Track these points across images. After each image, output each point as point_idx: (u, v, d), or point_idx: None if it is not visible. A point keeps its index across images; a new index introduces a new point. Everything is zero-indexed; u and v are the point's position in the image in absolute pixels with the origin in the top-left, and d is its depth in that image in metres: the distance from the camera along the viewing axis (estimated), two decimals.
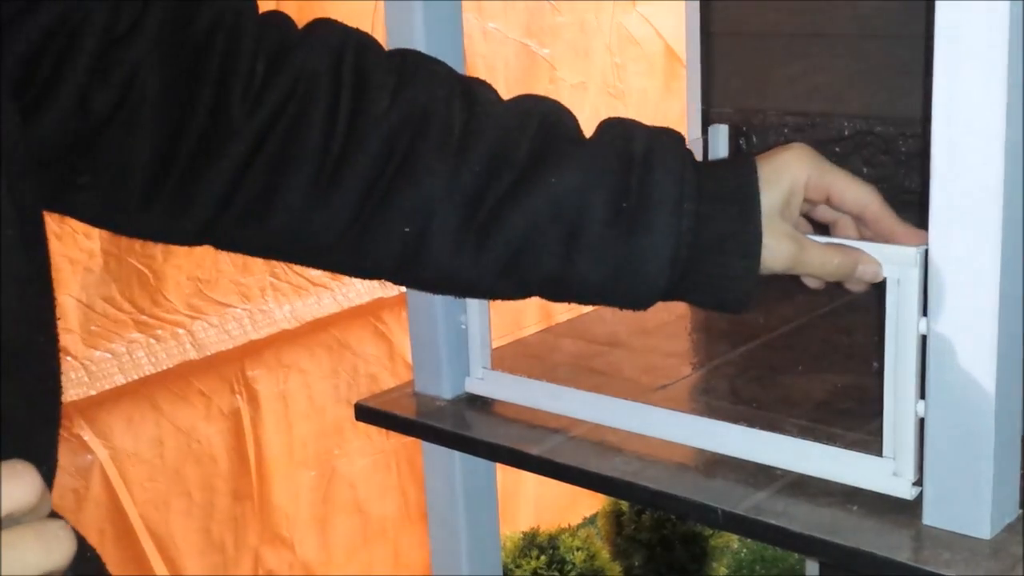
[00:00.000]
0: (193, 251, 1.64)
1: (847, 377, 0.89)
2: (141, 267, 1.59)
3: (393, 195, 0.63)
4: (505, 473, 0.92)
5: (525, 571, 1.80)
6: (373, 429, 1.75)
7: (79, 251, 1.51)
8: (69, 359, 1.52)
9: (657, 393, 0.88)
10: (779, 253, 0.64)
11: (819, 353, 0.95)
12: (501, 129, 0.65)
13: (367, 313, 1.91)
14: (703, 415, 0.81)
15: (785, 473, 0.73)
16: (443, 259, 0.65)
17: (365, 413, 0.92)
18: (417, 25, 0.83)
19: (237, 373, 1.74)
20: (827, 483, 0.71)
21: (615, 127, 0.67)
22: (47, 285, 0.52)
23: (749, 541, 2.18)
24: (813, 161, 0.67)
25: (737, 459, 0.76)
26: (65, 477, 1.51)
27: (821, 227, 0.71)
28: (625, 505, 1.99)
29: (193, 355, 1.66)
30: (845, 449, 0.72)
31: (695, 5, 1.25)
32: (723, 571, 2.07)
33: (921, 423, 0.65)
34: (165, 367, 1.63)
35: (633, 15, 2.36)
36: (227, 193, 0.62)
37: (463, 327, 0.89)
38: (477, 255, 0.64)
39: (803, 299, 1.08)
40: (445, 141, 0.64)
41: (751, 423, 0.77)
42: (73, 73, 0.57)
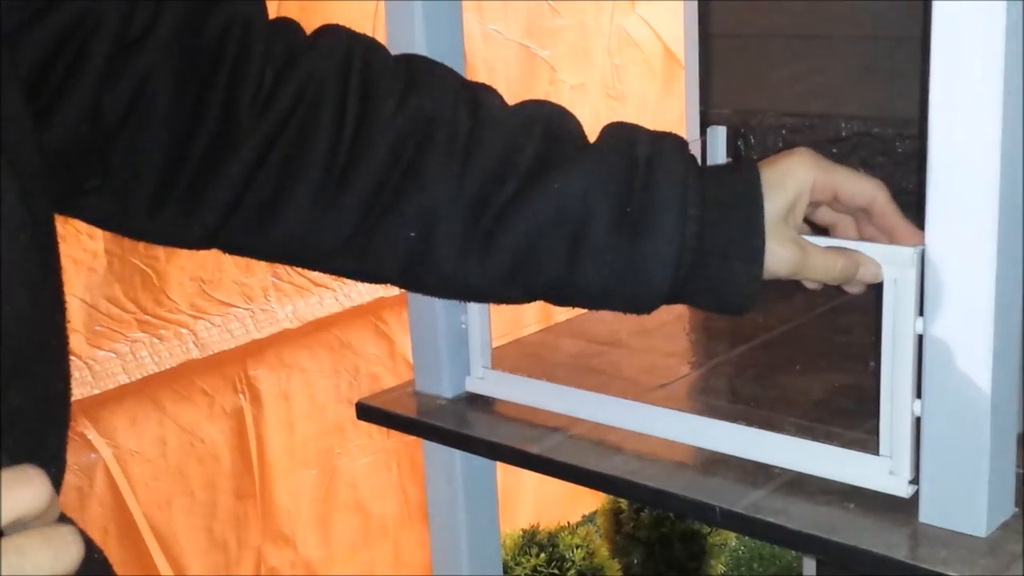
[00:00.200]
0: (196, 252, 1.64)
1: (844, 376, 0.89)
2: (144, 267, 1.60)
3: (399, 201, 0.64)
4: (505, 471, 0.92)
5: (525, 569, 1.80)
6: (374, 428, 1.75)
7: (83, 251, 1.52)
8: (73, 359, 1.52)
9: (656, 392, 0.89)
10: (783, 258, 0.65)
11: (817, 352, 0.96)
12: (506, 136, 0.65)
13: (368, 313, 1.91)
14: (702, 414, 0.81)
15: (783, 471, 0.74)
16: (448, 265, 0.65)
17: (366, 412, 0.92)
18: (417, 27, 0.83)
19: (239, 372, 1.74)
20: (825, 481, 0.72)
21: (618, 132, 0.67)
22: (58, 288, 0.52)
23: (747, 539, 2.18)
24: (817, 163, 0.67)
25: (735, 458, 0.76)
26: (69, 476, 1.51)
27: (820, 229, 0.72)
28: (624, 503, 1.99)
29: (196, 354, 1.66)
30: (842, 448, 0.72)
31: (694, 7, 1.26)
32: (721, 569, 2.08)
33: (918, 422, 0.66)
34: (168, 366, 1.63)
35: (632, 17, 2.36)
36: (235, 199, 0.62)
37: (463, 327, 0.90)
38: (482, 261, 0.65)
39: (801, 299, 1.08)
40: (451, 148, 0.64)
41: (749, 422, 0.77)
42: (85, 78, 0.58)
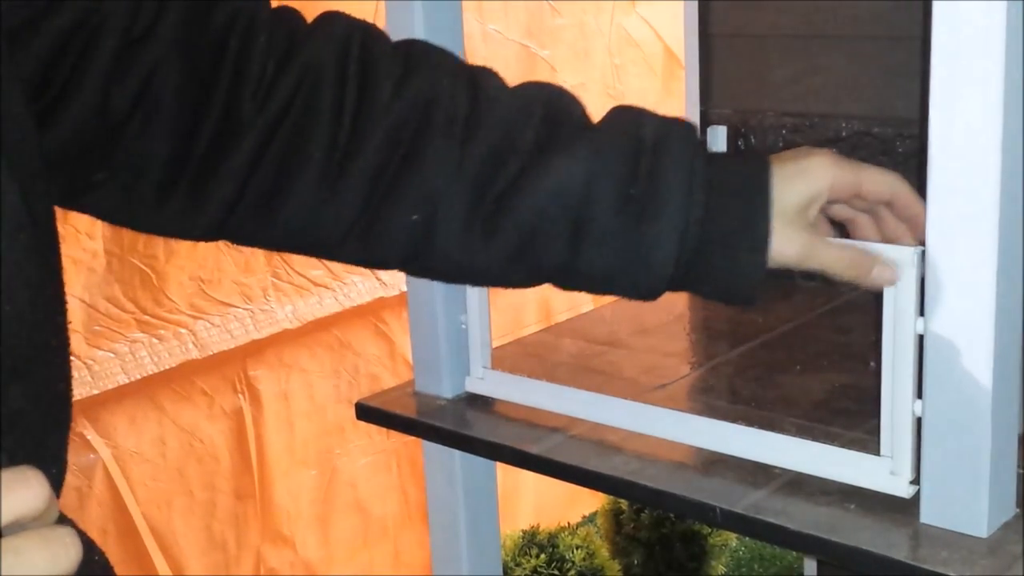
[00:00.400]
0: (195, 251, 1.65)
1: (845, 376, 0.89)
2: (144, 267, 1.60)
3: (400, 184, 0.64)
4: (505, 472, 0.92)
5: (525, 569, 1.80)
6: (374, 428, 1.75)
7: (82, 251, 1.51)
8: (72, 359, 1.52)
9: (656, 392, 0.89)
10: (791, 246, 0.64)
11: (817, 352, 0.96)
12: (506, 116, 0.65)
13: (368, 313, 1.91)
14: (702, 414, 0.81)
15: (783, 472, 0.74)
16: (451, 248, 0.65)
17: (366, 412, 0.92)
18: (417, 27, 0.83)
19: (239, 372, 1.74)
20: (825, 482, 0.72)
21: (625, 114, 0.66)
22: (59, 288, 0.52)
23: (747, 539, 2.18)
24: (838, 163, 0.67)
25: (736, 458, 0.76)
26: (68, 476, 1.51)
27: (837, 226, 0.72)
28: (624, 504, 1.99)
29: (195, 354, 1.66)
30: (843, 448, 0.72)
31: (694, 6, 1.26)
32: (721, 569, 2.07)
33: (918, 422, 0.66)
34: (167, 366, 1.63)
35: (632, 17, 2.36)
36: (238, 189, 0.63)
37: (463, 327, 0.89)
38: (485, 243, 0.64)
39: (802, 299, 1.08)
40: (450, 130, 0.64)
41: (749, 422, 0.77)
42: (92, 74, 0.58)
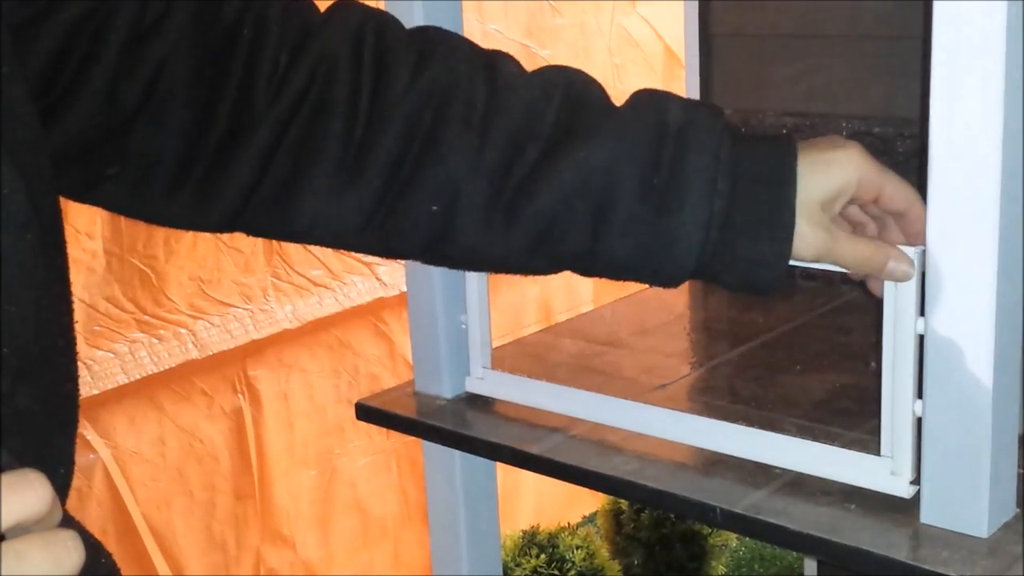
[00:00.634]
0: (195, 251, 1.65)
1: (845, 377, 0.89)
2: (143, 267, 1.60)
3: (418, 174, 0.63)
4: (505, 472, 0.92)
5: (525, 570, 1.80)
6: (374, 428, 1.75)
7: (82, 251, 1.51)
8: None
9: (656, 392, 0.89)
10: (811, 241, 0.63)
11: (817, 352, 0.96)
12: (524, 102, 0.64)
13: (368, 313, 1.91)
14: (702, 414, 0.81)
15: (783, 472, 0.74)
16: (471, 236, 0.64)
17: (366, 412, 0.92)
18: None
19: (239, 372, 1.74)
20: (825, 482, 0.72)
21: (649, 99, 0.65)
22: (65, 288, 0.52)
23: (748, 540, 2.18)
24: (868, 163, 0.65)
25: (736, 458, 0.76)
26: None
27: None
28: (624, 504, 1.99)
29: (195, 355, 1.66)
30: (843, 448, 0.72)
31: (694, 6, 1.26)
32: (722, 570, 2.07)
33: (919, 422, 0.66)
34: (167, 367, 1.63)
35: (633, 16, 2.36)
36: (253, 182, 0.62)
37: (463, 327, 0.89)
38: (506, 231, 0.64)
39: (802, 299, 1.08)
40: (468, 118, 0.63)
41: (750, 422, 0.77)
42: (100, 68, 0.58)
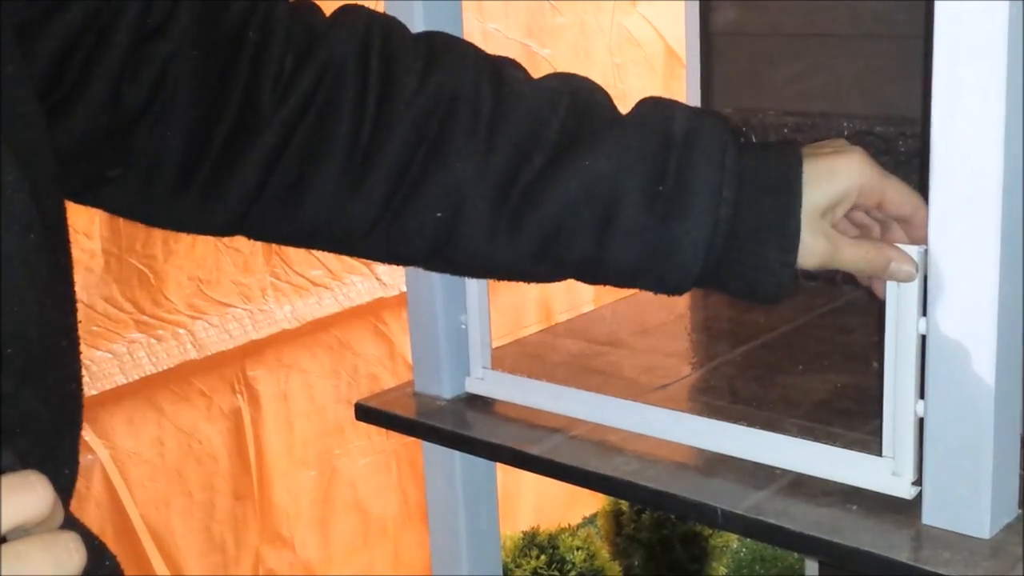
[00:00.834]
0: (194, 251, 1.65)
1: (847, 377, 0.89)
2: (142, 267, 1.60)
3: (424, 180, 0.63)
4: (505, 473, 0.92)
5: (525, 571, 1.80)
6: (373, 429, 1.75)
7: (80, 251, 1.51)
8: None
9: (657, 393, 0.88)
10: (814, 250, 0.63)
11: (818, 353, 0.95)
12: (530, 110, 0.64)
13: (367, 313, 1.91)
14: (703, 415, 0.81)
15: (785, 473, 0.73)
16: (476, 243, 0.64)
17: (365, 413, 0.92)
18: (417, 26, 0.83)
19: (238, 373, 1.74)
20: (826, 483, 0.71)
21: (655, 107, 0.65)
22: (69, 289, 0.52)
23: (748, 541, 2.18)
24: (870, 169, 0.65)
25: (737, 459, 0.76)
26: None
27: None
28: (625, 505, 1.99)
29: (194, 355, 1.66)
30: (844, 449, 0.72)
31: (695, 5, 1.26)
32: (722, 570, 2.07)
33: (920, 423, 0.65)
34: (166, 367, 1.63)
35: (633, 16, 2.36)
36: (257, 185, 0.62)
37: (463, 327, 0.89)
38: (510, 238, 0.64)
39: (803, 299, 1.08)
40: (474, 124, 0.63)
41: (751, 423, 0.77)
42: (105, 69, 0.57)
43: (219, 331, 1.69)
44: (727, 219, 0.62)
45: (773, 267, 0.63)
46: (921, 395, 0.65)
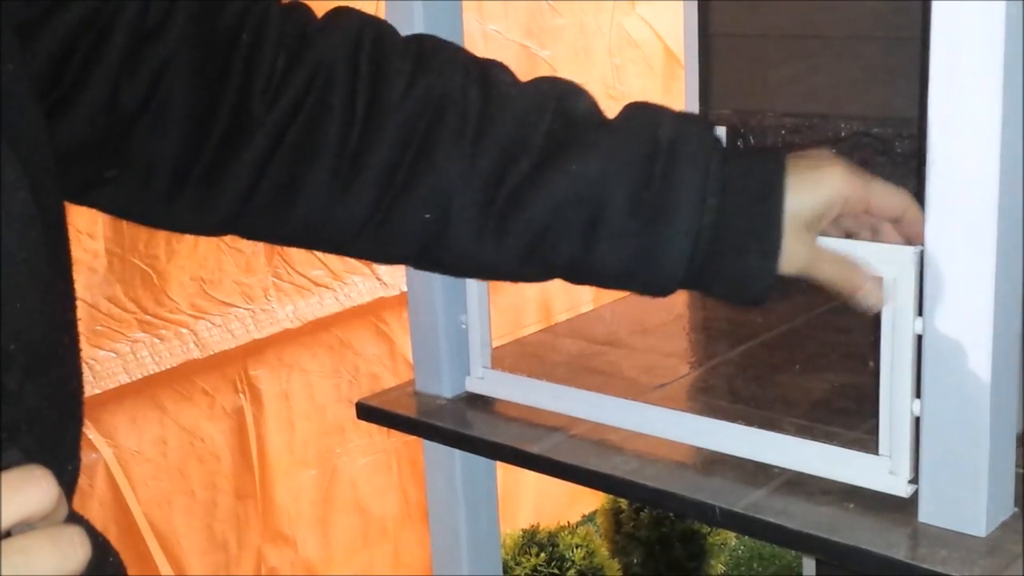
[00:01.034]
0: (196, 251, 1.65)
1: (844, 376, 0.89)
2: (145, 267, 1.60)
3: (412, 182, 0.64)
4: (505, 471, 0.92)
5: (525, 568, 1.80)
6: (374, 428, 1.76)
7: (83, 251, 1.52)
8: None
9: (656, 392, 0.89)
10: (795, 257, 0.64)
11: (816, 352, 0.96)
12: (518, 113, 0.65)
13: (368, 313, 1.91)
14: (701, 414, 0.81)
15: (782, 471, 0.74)
16: (464, 244, 0.65)
17: (366, 412, 0.92)
18: (417, 27, 0.83)
19: (240, 372, 1.74)
20: (824, 481, 0.72)
21: (642, 112, 0.66)
22: (69, 286, 0.52)
23: (747, 539, 2.18)
24: (852, 180, 0.66)
25: (735, 457, 0.76)
26: None
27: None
28: (624, 503, 1.99)
29: (196, 354, 1.66)
30: (842, 448, 0.72)
31: (694, 6, 1.26)
32: (721, 568, 2.08)
33: (917, 422, 0.66)
34: (168, 366, 1.63)
35: (633, 17, 2.36)
36: (250, 186, 0.62)
37: (463, 327, 0.90)
38: (498, 240, 0.64)
39: (801, 299, 1.08)
40: (461, 127, 0.64)
41: (749, 422, 0.77)
42: (102, 70, 0.58)
43: (221, 331, 1.69)
44: (711, 225, 0.63)
45: (755, 272, 0.64)
46: (917, 394, 0.65)
